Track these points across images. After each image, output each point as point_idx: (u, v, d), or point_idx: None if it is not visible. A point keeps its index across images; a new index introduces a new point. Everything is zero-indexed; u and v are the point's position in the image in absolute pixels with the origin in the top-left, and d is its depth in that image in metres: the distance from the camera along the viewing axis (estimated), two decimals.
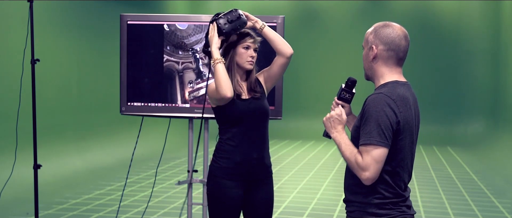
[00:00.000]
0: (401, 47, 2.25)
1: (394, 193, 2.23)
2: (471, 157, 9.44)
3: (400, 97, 2.18)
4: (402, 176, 2.25)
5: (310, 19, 12.36)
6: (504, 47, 10.30)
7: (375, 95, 2.19)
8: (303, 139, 11.31)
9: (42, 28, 7.03)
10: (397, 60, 2.27)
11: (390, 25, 2.28)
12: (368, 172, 2.13)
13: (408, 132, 2.21)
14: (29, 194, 5.33)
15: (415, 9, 11.78)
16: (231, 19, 2.97)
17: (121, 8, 8.48)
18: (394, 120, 2.15)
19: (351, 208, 2.30)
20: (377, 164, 2.13)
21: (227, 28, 2.94)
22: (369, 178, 2.14)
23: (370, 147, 2.12)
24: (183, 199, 6.21)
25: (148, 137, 7.75)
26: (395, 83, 2.24)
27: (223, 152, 2.98)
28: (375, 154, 2.12)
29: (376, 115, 2.14)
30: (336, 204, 6.09)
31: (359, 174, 2.15)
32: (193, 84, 3.91)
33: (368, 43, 2.29)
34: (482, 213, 5.84)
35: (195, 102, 3.90)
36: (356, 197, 2.26)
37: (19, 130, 5.14)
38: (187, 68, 3.92)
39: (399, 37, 2.25)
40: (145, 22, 3.92)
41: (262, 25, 3.04)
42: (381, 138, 2.12)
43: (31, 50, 4.39)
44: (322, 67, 12.26)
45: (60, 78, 7.78)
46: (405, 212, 2.25)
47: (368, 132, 2.13)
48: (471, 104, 11.50)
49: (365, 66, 2.33)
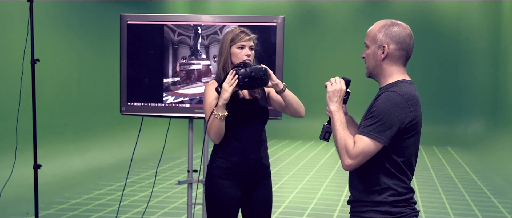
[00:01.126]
0: (410, 46, 2.25)
1: (406, 188, 2.23)
2: (471, 157, 9.44)
3: (412, 97, 2.18)
4: (408, 173, 2.25)
5: (310, 19, 12.36)
6: (504, 47, 10.30)
7: (388, 93, 2.17)
8: (303, 139, 11.31)
9: (42, 28, 7.03)
10: (406, 59, 2.27)
11: (398, 23, 2.26)
12: (353, 161, 2.13)
13: (417, 131, 2.21)
14: (29, 194, 5.33)
15: (415, 9, 11.78)
16: (253, 76, 2.79)
17: (121, 8, 8.48)
18: (403, 120, 2.14)
19: (361, 209, 2.26)
20: (365, 156, 2.13)
21: (244, 84, 2.79)
22: (350, 166, 2.14)
23: (366, 139, 2.12)
24: (183, 199, 6.21)
25: (148, 137, 7.76)
26: (404, 82, 2.23)
27: (220, 152, 2.97)
28: (368, 147, 2.12)
29: (384, 111, 2.13)
30: (336, 204, 6.09)
31: (343, 158, 2.15)
32: (186, 60, 3.87)
33: (376, 41, 2.25)
34: (482, 213, 5.84)
35: (185, 76, 3.85)
36: (367, 196, 2.24)
37: (19, 130, 5.14)
38: (183, 42, 3.86)
39: (409, 36, 2.24)
40: (145, 22, 3.92)
41: (284, 87, 2.94)
42: (380, 135, 2.11)
43: (31, 50, 4.39)
44: (322, 67, 12.26)
45: (60, 78, 7.78)
46: (415, 209, 2.26)
47: (370, 124, 2.13)
48: (471, 104, 11.50)
49: (371, 64, 2.29)
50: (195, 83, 3.86)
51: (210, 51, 3.83)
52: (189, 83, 3.86)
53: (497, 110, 10.60)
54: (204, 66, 3.85)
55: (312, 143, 10.97)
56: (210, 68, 3.85)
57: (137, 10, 9.41)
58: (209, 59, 3.85)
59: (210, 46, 3.82)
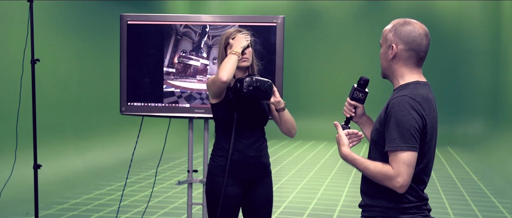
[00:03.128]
0: (422, 47, 2.16)
1: (418, 197, 2.15)
2: (471, 157, 9.43)
3: (424, 99, 2.10)
4: (425, 180, 2.17)
5: (310, 19, 12.36)
6: (504, 47, 10.30)
7: (399, 98, 2.08)
8: (303, 139, 11.30)
9: (42, 28, 7.03)
10: (417, 60, 2.18)
11: (411, 22, 2.17)
12: (401, 178, 2.02)
13: (433, 134, 2.13)
14: (29, 194, 5.33)
15: (415, 9, 11.77)
16: (258, 86, 2.80)
17: (121, 8, 8.47)
18: (421, 123, 2.06)
19: (370, 213, 2.20)
20: (409, 168, 2.02)
21: (247, 92, 2.80)
22: (403, 185, 2.03)
23: (399, 153, 2.02)
24: (183, 199, 6.21)
25: (148, 137, 7.75)
26: (416, 83, 2.15)
27: (220, 150, 2.98)
28: (406, 159, 2.02)
29: (402, 119, 2.04)
30: (336, 204, 6.09)
31: (392, 183, 2.04)
32: (186, 54, 3.85)
33: (387, 41, 2.18)
34: (482, 213, 5.84)
35: (181, 69, 3.84)
36: (377, 201, 2.17)
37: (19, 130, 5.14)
38: (187, 35, 3.84)
39: (420, 36, 2.16)
40: (145, 22, 3.92)
41: (284, 106, 2.98)
42: (410, 142, 2.02)
43: (31, 50, 4.39)
44: (322, 67, 12.26)
45: (60, 78, 7.78)
46: (428, 216, 2.19)
47: (395, 138, 2.03)
48: (471, 104, 11.50)
49: (383, 65, 2.23)
50: (190, 78, 3.85)
51: (211, 52, 3.83)
52: (183, 76, 3.85)
53: (497, 110, 10.60)
54: (202, 64, 3.84)
55: (312, 143, 10.97)
56: (208, 68, 3.84)
57: (137, 10, 9.41)
58: (209, 59, 3.85)
59: (213, 47, 3.82)
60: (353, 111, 2.42)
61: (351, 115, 2.42)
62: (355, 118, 2.44)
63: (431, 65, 11.78)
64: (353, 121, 2.44)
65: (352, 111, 2.42)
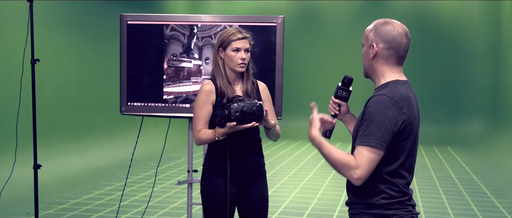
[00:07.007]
0: (402, 46, 2.21)
1: (400, 192, 2.19)
2: (471, 157, 9.43)
3: (403, 98, 2.14)
4: (405, 176, 2.21)
5: (310, 19, 12.36)
6: (504, 47, 10.30)
7: (378, 97, 2.14)
8: (303, 139, 11.30)
9: (42, 28, 7.03)
10: (397, 58, 2.23)
11: (391, 22, 2.23)
12: (360, 171, 2.08)
13: (411, 132, 2.17)
14: (29, 194, 5.33)
15: (415, 9, 11.78)
16: (245, 111, 2.78)
17: (121, 8, 8.48)
18: (396, 123, 2.11)
19: (355, 211, 2.25)
20: (370, 164, 2.09)
21: (235, 119, 2.78)
22: (360, 178, 2.09)
23: (367, 148, 2.09)
24: (183, 199, 6.21)
25: (148, 137, 7.75)
26: (396, 82, 2.20)
27: (215, 150, 2.98)
28: (369, 155, 2.08)
29: (377, 117, 2.10)
30: (336, 204, 6.09)
31: (350, 173, 2.10)
32: (177, 56, 3.83)
33: (368, 40, 2.24)
34: (482, 213, 5.84)
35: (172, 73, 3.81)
36: (361, 198, 2.21)
37: (19, 130, 5.14)
38: (175, 38, 3.82)
39: (400, 35, 2.20)
40: (145, 22, 3.92)
41: (273, 127, 2.99)
42: (378, 140, 2.08)
43: (31, 50, 4.39)
44: (322, 67, 12.26)
45: (60, 78, 7.78)
46: (412, 211, 2.22)
47: (368, 133, 2.10)
48: (471, 104, 11.50)
49: (365, 64, 2.28)
50: (184, 81, 3.84)
51: (203, 53, 3.82)
52: (176, 81, 3.83)
53: (497, 110, 10.60)
54: (195, 66, 3.83)
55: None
56: (201, 69, 3.84)
57: (137, 10, 9.41)
58: (201, 59, 3.84)
59: (204, 48, 3.81)
60: (337, 109, 2.49)
61: (335, 112, 2.49)
62: (340, 115, 2.50)
63: (431, 65, 11.82)
64: (338, 118, 2.50)
65: (336, 109, 2.49)
